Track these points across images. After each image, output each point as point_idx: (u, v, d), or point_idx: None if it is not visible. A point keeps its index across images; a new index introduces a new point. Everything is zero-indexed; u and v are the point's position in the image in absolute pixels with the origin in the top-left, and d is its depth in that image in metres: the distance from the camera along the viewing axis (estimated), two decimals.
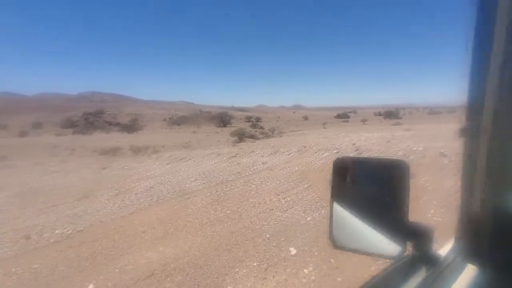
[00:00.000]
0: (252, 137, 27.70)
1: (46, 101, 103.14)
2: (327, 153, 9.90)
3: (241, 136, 25.15)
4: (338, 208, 0.70)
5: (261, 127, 41.99)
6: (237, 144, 21.31)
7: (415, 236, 0.62)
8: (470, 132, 0.65)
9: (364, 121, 46.12)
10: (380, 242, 0.63)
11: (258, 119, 65.01)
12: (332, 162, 0.73)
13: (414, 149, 8.74)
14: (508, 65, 0.58)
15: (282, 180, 7.36)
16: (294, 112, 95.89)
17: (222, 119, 53.25)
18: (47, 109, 77.22)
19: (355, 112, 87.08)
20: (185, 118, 61.62)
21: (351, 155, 9.66)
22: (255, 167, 9.57)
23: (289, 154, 10.94)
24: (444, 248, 0.79)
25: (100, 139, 30.86)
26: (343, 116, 66.93)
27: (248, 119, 63.91)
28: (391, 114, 54.53)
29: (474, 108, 0.63)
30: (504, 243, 0.65)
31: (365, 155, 9.09)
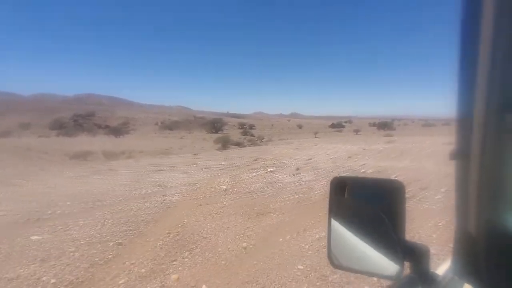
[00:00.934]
0: (238, 144, 27.07)
1: (42, 102, 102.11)
2: (268, 170, 9.15)
3: (224, 143, 24.49)
4: (336, 226, 0.71)
5: (252, 135, 41.52)
6: (221, 150, 20.59)
7: (412, 256, 0.63)
8: (462, 149, 0.65)
9: (356, 131, 45.69)
10: (378, 261, 0.64)
11: (251, 126, 64.42)
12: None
13: (363, 170, 8.04)
14: (494, 79, 0.57)
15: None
16: (289, 120, 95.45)
17: (213, 125, 52.56)
18: (40, 110, 76.17)
19: (350, 122, 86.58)
20: (177, 123, 60.83)
21: (302, 172, 8.89)
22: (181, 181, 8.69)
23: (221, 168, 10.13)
24: (441, 267, 0.80)
25: (81, 142, 29.90)
26: (338, 125, 66.52)
27: (242, 126, 63.15)
28: (385, 125, 54.30)
29: (464, 124, 0.63)
30: (501, 262, 0.65)
31: (308, 173, 8.36)
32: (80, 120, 56.11)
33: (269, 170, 9.01)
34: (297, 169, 8.74)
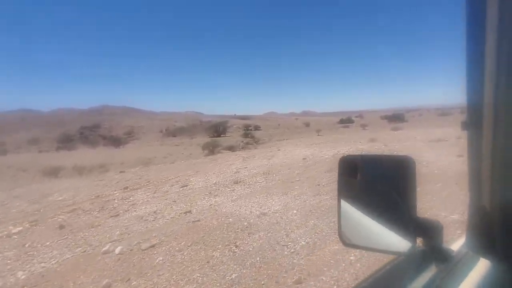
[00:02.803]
0: (230, 148, 25.85)
1: (58, 117, 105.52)
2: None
3: (212, 149, 23.31)
4: (346, 206, 0.70)
5: (252, 136, 40.25)
6: (206, 156, 19.38)
7: (425, 232, 0.62)
8: (473, 127, 0.64)
9: (364, 126, 43.31)
10: (389, 239, 0.62)
11: (256, 128, 62.94)
12: None
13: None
14: (502, 60, 0.58)
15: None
16: (296, 119, 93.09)
17: (216, 129, 51.58)
18: (55, 124, 78.42)
19: (361, 116, 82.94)
20: (182, 129, 60.38)
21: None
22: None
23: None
24: (456, 243, 0.78)
25: (74, 155, 29.66)
26: (347, 121, 63.70)
27: (247, 127, 61.80)
28: (396, 118, 51.36)
29: (475, 104, 0.63)
30: None
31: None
32: (86, 133, 56.80)
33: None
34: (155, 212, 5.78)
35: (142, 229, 4.86)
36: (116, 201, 7.06)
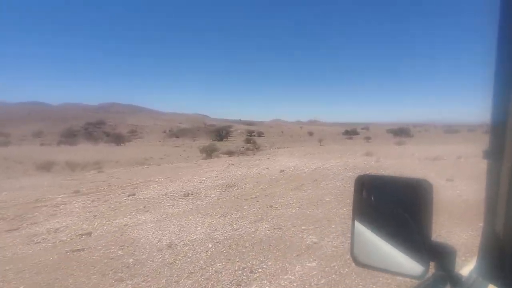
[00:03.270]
0: (229, 153, 25.63)
1: (66, 111, 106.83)
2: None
3: (210, 153, 23.09)
4: (359, 226, 0.70)
5: (254, 142, 40.11)
6: (199, 160, 19.11)
7: (438, 256, 0.62)
8: (494, 152, 0.65)
9: (367, 138, 42.85)
10: (403, 261, 0.63)
11: (260, 134, 62.76)
12: None
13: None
14: None
15: None
16: (301, 128, 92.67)
17: (218, 132, 51.64)
18: (62, 119, 79.29)
19: (367, 128, 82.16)
20: (184, 131, 60.47)
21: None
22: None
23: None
24: (466, 268, 0.79)
25: (74, 150, 29.68)
26: (352, 132, 63.19)
27: (251, 133, 61.67)
28: (402, 132, 50.69)
29: (497, 128, 0.63)
30: None
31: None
32: (91, 129, 57.20)
33: None
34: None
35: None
36: (44, 208, 6.34)
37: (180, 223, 5.02)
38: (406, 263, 0.62)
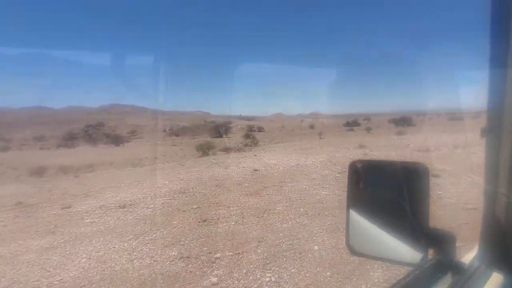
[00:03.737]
0: (226, 150, 25.33)
1: (68, 114, 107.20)
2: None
3: (206, 150, 22.79)
4: (354, 214, 0.68)
5: (253, 138, 39.73)
6: (198, 158, 18.88)
7: (437, 243, 0.60)
8: (492, 138, 0.63)
9: (368, 129, 42.35)
10: (400, 249, 0.61)
11: (260, 129, 62.34)
12: None
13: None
14: None
15: None
16: (302, 121, 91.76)
17: (217, 129, 51.30)
18: (64, 122, 79.54)
19: (368, 119, 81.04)
20: (185, 129, 60.28)
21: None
22: None
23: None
24: (468, 255, 0.77)
25: (72, 153, 29.62)
26: (352, 124, 62.27)
27: (251, 128, 61.25)
28: (404, 121, 49.91)
29: (495, 113, 0.62)
30: None
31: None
32: (90, 131, 57.27)
33: None
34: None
35: None
36: None
37: (72, 251, 4.27)
38: (404, 250, 0.59)
